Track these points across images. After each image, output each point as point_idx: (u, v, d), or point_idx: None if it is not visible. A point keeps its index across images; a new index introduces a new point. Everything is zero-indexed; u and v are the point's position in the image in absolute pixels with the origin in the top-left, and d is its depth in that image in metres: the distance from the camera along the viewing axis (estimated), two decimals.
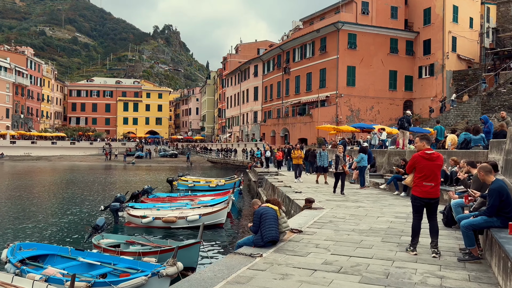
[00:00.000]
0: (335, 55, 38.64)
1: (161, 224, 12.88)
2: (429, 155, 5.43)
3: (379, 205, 10.02)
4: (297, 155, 16.36)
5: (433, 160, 5.44)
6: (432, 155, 5.45)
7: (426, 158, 5.44)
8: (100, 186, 27.40)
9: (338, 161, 12.31)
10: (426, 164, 5.42)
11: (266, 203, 6.63)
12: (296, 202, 9.95)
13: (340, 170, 12.32)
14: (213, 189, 23.83)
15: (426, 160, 5.44)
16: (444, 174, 10.76)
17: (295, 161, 16.74)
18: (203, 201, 16.43)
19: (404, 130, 16.19)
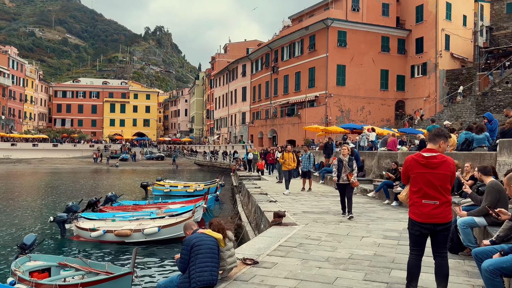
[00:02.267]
0: (324, 53, 37.04)
1: (113, 238, 11.03)
2: (427, 160, 3.67)
3: (365, 218, 8.27)
4: (286, 159, 12.97)
5: (432, 167, 3.63)
6: (432, 161, 3.64)
7: (422, 163, 3.68)
8: (70, 192, 25.38)
9: (342, 167, 8.70)
10: (422, 172, 3.67)
11: (209, 226, 4.85)
12: (266, 216, 8.16)
13: (344, 180, 8.67)
14: (191, 194, 22.00)
15: (422, 167, 3.67)
16: None
17: (285, 167, 13.12)
18: (170, 209, 14.58)
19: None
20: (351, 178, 8.54)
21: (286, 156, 13.23)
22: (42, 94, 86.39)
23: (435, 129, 3.87)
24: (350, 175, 8.57)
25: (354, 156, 12.37)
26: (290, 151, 13.65)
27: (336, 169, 8.81)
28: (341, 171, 8.68)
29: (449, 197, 3.67)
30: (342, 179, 8.70)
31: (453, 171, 3.66)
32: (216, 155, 49.38)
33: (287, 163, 13.00)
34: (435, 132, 3.78)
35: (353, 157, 10.10)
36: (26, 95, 77.89)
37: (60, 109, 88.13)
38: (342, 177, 8.69)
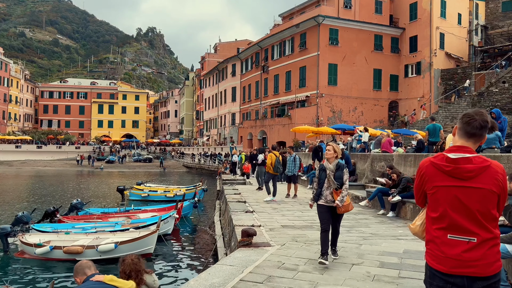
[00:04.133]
0: (315, 51, 35.66)
1: (62, 256, 9.43)
2: (456, 166, 2.13)
3: (356, 235, 6.76)
4: (270, 161, 11.40)
5: (465, 177, 2.11)
6: (464, 166, 2.11)
7: (448, 171, 2.16)
8: (44, 197, 23.62)
9: (324, 179, 5.38)
10: (447, 186, 2.15)
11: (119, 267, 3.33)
12: (237, 232, 6.63)
13: (328, 201, 5.35)
14: (171, 199, 20.36)
15: (447, 178, 2.16)
16: None
17: (269, 169, 11.55)
18: (139, 219, 12.99)
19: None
20: (338, 199, 5.18)
21: (270, 158, 11.66)
22: (28, 95, 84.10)
23: (474, 117, 2.30)
24: (336, 193, 5.21)
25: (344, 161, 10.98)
26: (278, 152, 12.13)
27: (317, 182, 5.47)
28: (323, 186, 5.31)
29: (495, 231, 2.15)
30: (324, 199, 5.28)
31: (503, 184, 2.14)
32: (205, 157, 47.81)
33: (268, 165, 11.40)
34: (480, 121, 2.23)
35: (343, 162, 8.30)
36: (11, 96, 75.59)
37: (46, 110, 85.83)
38: (324, 195, 5.28)
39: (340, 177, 5.30)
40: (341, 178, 5.31)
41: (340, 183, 5.27)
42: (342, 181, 5.30)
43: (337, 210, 5.24)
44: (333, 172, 5.30)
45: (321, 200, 5.34)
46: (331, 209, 5.29)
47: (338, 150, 5.48)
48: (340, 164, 5.38)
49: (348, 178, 5.43)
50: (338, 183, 5.24)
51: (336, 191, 5.22)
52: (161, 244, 10.98)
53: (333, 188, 5.26)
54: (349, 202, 5.33)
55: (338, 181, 5.25)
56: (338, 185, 5.23)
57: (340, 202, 5.20)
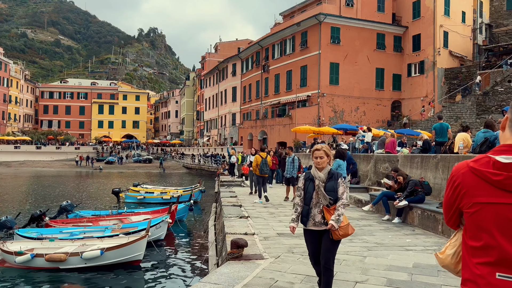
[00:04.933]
0: (316, 50, 35.01)
1: (44, 264, 8.82)
2: (509, 174, 1.42)
3: (359, 245, 6.12)
4: (255, 163, 10.95)
5: None
6: None
7: (496, 182, 1.45)
8: (38, 198, 23.04)
9: (312, 193, 3.98)
10: (496, 204, 1.45)
11: None
12: (227, 242, 5.99)
13: (317, 223, 3.95)
14: (167, 201, 19.74)
15: (495, 190, 1.45)
16: None
17: (255, 171, 11.15)
18: (131, 223, 12.38)
19: None
20: (332, 219, 3.78)
21: (258, 159, 11.06)
22: (28, 95, 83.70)
23: None
24: (328, 211, 3.83)
25: (345, 160, 10.32)
26: (268, 152, 11.55)
27: (300, 198, 4.04)
28: (311, 203, 3.93)
29: None
30: (312, 221, 3.93)
31: None
32: (206, 158, 47.21)
33: (253, 167, 10.84)
34: None
35: (345, 163, 7.45)
36: (11, 96, 75.17)
37: (47, 110, 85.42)
38: (312, 216, 3.92)
39: (333, 190, 3.86)
40: (335, 191, 3.86)
41: (334, 197, 3.85)
42: (336, 195, 3.86)
43: (333, 235, 3.77)
44: (324, 182, 3.89)
45: (307, 224, 3.94)
46: (320, 235, 3.90)
47: (329, 152, 4.05)
48: (333, 172, 3.96)
49: (345, 191, 3.95)
50: (330, 197, 3.83)
51: (328, 209, 3.81)
52: (152, 250, 10.37)
53: (323, 204, 3.84)
54: (347, 223, 3.91)
55: (331, 195, 3.84)
56: (331, 201, 3.82)
57: (335, 222, 3.73)
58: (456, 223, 1.71)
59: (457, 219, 1.69)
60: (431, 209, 7.35)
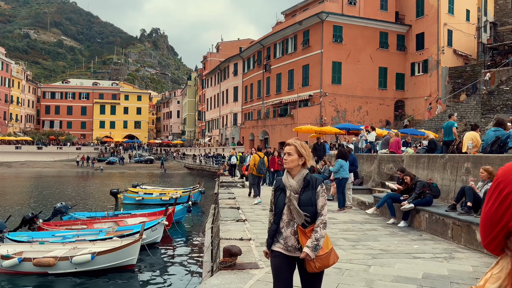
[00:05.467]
0: (319, 49, 34.56)
1: (32, 269, 8.42)
2: None
3: (363, 252, 5.69)
4: (253, 162, 10.68)
5: None
6: None
7: None
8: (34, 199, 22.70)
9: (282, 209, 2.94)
10: None
11: None
12: (221, 249, 5.57)
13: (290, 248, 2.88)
14: (166, 203, 19.34)
15: None
16: (473, 196, 6.51)
17: (252, 171, 10.81)
18: (126, 226, 11.98)
19: None
20: (307, 245, 2.76)
21: (255, 159, 10.69)
22: (30, 95, 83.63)
23: None
24: (304, 233, 2.82)
25: (348, 161, 9.88)
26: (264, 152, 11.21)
27: (272, 214, 3.02)
28: (281, 221, 2.93)
29: None
30: (283, 243, 2.90)
31: None
32: (207, 158, 46.84)
33: (251, 166, 10.51)
34: None
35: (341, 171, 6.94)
36: (12, 96, 75.07)
37: (48, 110, 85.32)
38: (284, 238, 2.90)
39: (310, 203, 2.83)
40: (312, 205, 2.84)
41: (311, 213, 2.82)
42: (314, 210, 2.84)
43: (307, 266, 2.78)
44: (297, 193, 2.87)
45: (276, 244, 2.91)
46: (295, 262, 2.90)
47: (305, 151, 2.98)
48: (310, 179, 2.90)
49: (326, 203, 2.90)
50: (307, 214, 2.81)
51: (304, 230, 2.80)
52: (148, 254, 9.96)
53: (297, 223, 2.82)
54: (329, 249, 2.84)
55: (307, 210, 2.82)
56: (307, 218, 2.81)
57: (312, 250, 2.71)
58: (500, 246, 1.29)
59: (502, 241, 1.27)
60: (439, 212, 6.91)
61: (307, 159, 2.98)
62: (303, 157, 2.95)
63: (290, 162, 2.92)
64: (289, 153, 2.95)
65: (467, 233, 6.13)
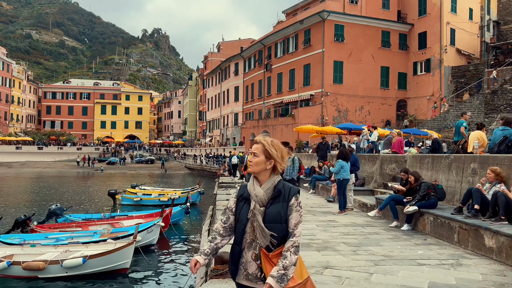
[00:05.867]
0: (320, 48, 34.24)
1: (21, 273, 8.13)
2: None
3: (365, 258, 5.37)
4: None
5: None
6: None
7: None
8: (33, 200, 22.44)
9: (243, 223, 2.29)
10: None
11: None
12: None
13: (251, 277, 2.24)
14: (165, 204, 19.07)
15: None
16: (480, 198, 6.18)
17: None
18: (122, 227, 11.69)
19: None
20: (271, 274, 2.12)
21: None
22: (31, 96, 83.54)
23: None
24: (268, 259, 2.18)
25: (349, 161, 9.56)
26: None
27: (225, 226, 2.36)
28: (243, 240, 2.28)
29: None
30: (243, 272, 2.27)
31: None
32: (208, 159, 46.56)
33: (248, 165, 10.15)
34: None
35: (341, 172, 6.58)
36: (13, 96, 74.97)
37: (49, 111, 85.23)
38: (244, 263, 2.26)
39: (278, 219, 2.20)
40: (282, 222, 2.21)
41: (280, 233, 2.20)
42: (284, 229, 2.21)
43: None
44: (264, 205, 2.25)
45: (239, 273, 2.29)
46: None
47: (275, 152, 2.34)
48: (284, 188, 2.29)
49: (300, 221, 2.23)
50: (273, 233, 2.19)
51: (268, 254, 2.19)
52: (143, 256, 9.67)
53: (261, 245, 2.21)
54: (303, 280, 2.20)
55: (275, 229, 2.19)
56: (273, 239, 2.19)
57: (277, 281, 2.10)
58: None
59: None
60: (445, 215, 6.58)
61: (279, 162, 2.33)
62: (271, 160, 2.31)
63: (255, 165, 2.32)
64: (254, 153, 2.34)
65: (474, 237, 5.81)
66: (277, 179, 2.33)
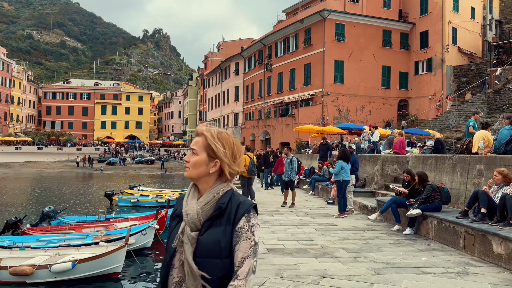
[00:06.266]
0: (320, 48, 33.90)
1: (8, 278, 7.81)
2: None
3: (365, 266, 5.04)
4: (244, 164, 10.54)
5: None
6: None
7: None
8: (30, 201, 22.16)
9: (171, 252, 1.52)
10: None
11: None
12: None
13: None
14: (162, 205, 18.75)
15: None
16: (487, 201, 5.85)
17: (243, 172, 10.38)
18: (117, 229, 11.38)
19: None
20: None
21: (244, 159, 10.16)
22: (31, 96, 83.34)
23: None
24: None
25: (350, 162, 9.23)
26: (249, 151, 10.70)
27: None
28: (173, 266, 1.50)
29: None
30: None
31: None
32: None
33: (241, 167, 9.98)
34: None
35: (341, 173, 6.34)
36: (13, 96, 74.76)
37: (49, 111, 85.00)
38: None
39: (217, 252, 1.44)
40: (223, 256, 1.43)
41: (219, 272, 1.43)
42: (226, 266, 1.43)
43: None
44: (198, 229, 1.49)
45: None
46: None
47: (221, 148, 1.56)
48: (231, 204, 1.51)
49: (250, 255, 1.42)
50: (206, 275, 1.41)
51: None
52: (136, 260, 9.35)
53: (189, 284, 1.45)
54: None
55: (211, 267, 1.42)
56: (206, 284, 1.41)
57: None
58: None
59: None
60: (449, 219, 6.25)
61: (227, 163, 1.55)
62: (217, 160, 1.55)
63: (192, 167, 1.56)
64: (193, 150, 1.59)
65: (481, 243, 5.48)
66: (222, 189, 1.53)
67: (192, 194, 1.57)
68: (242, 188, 10.84)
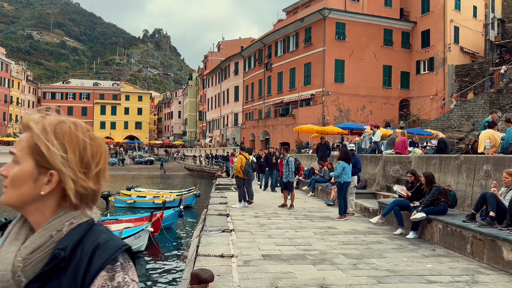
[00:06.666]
0: (321, 47, 33.56)
1: None
2: None
3: (366, 272, 4.69)
4: (240, 165, 9.98)
5: None
6: None
7: None
8: None
9: None
10: None
11: None
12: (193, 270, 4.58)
13: None
14: (159, 206, 18.42)
15: None
16: (496, 204, 5.49)
17: (239, 173, 10.17)
18: None
19: None
20: None
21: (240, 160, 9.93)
22: (30, 96, 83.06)
23: None
24: None
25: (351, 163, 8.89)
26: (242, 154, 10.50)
27: None
28: None
29: None
30: None
31: None
32: (208, 160, 45.91)
33: (237, 169, 9.80)
34: None
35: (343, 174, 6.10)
36: (12, 97, 74.48)
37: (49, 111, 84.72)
38: None
39: None
40: None
41: None
42: None
43: None
44: None
45: None
46: None
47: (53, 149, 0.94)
48: (81, 246, 0.88)
49: None
50: None
51: None
52: None
53: None
54: None
55: None
56: None
57: None
58: None
59: None
60: (455, 223, 5.90)
61: (72, 176, 0.93)
62: (52, 170, 0.94)
63: (11, 187, 0.95)
64: (13, 154, 1.03)
65: (490, 249, 5.13)
66: (70, 221, 0.92)
67: (15, 233, 0.91)
68: (238, 189, 10.51)
